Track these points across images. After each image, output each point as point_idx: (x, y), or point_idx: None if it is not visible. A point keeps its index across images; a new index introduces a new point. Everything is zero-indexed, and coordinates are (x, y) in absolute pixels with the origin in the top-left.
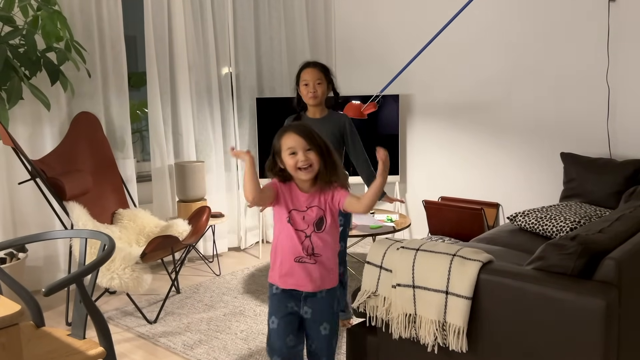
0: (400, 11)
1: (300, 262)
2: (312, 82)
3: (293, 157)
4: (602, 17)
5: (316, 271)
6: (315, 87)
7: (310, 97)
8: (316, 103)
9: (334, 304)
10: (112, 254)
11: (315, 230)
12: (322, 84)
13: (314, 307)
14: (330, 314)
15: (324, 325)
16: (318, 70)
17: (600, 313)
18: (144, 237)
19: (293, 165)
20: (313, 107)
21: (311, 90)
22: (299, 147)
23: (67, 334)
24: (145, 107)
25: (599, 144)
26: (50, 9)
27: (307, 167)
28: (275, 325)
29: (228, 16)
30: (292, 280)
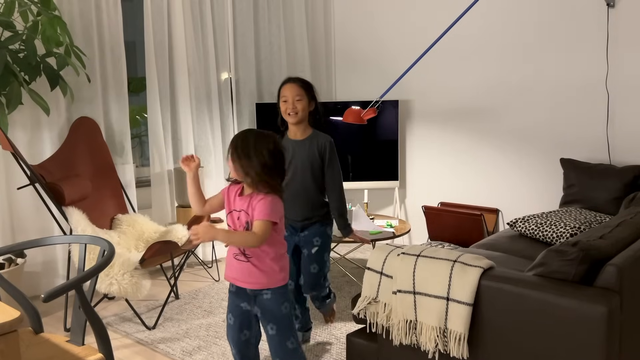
0: (399, 17)
1: (235, 258)
2: (291, 99)
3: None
4: (601, 24)
5: (249, 269)
6: (295, 104)
7: (290, 113)
8: (296, 121)
9: (281, 306)
10: (111, 260)
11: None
12: (302, 101)
13: (262, 307)
14: (276, 316)
15: (271, 325)
16: (298, 85)
17: (601, 319)
18: (143, 242)
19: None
20: (294, 127)
21: (290, 107)
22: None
23: (66, 340)
24: (145, 112)
25: (598, 150)
26: (50, 14)
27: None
28: (231, 322)
29: (228, 21)
30: (231, 275)
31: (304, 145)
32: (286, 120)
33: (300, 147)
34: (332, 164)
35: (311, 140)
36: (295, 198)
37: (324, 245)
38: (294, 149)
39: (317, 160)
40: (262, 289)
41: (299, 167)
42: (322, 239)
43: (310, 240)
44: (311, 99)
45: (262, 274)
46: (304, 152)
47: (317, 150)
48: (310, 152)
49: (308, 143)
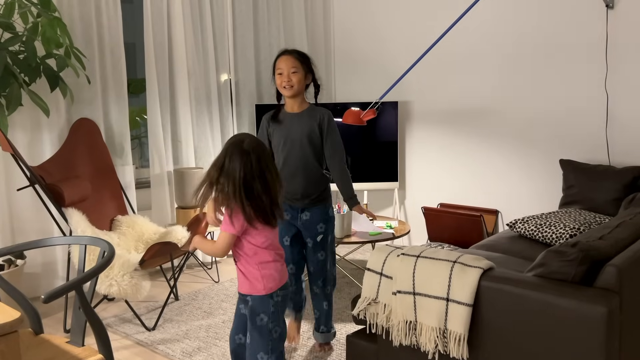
0: (399, 19)
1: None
2: (287, 71)
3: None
4: (600, 25)
5: (238, 273)
6: (290, 76)
7: (285, 87)
8: (292, 94)
9: (256, 316)
10: (111, 261)
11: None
12: (297, 73)
13: (247, 312)
14: (252, 324)
15: (248, 333)
16: (293, 57)
17: (601, 320)
18: (143, 243)
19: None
20: (291, 100)
21: (285, 80)
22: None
23: (66, 341)
24: (145, 113)
25: (597, 151)
26: (50, 15)
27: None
28: (233, 322)
29: (227, 23)
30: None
31: (301, 118)
32: (282, 93)
33: (298, 120)
34: (332, 134)
35: (309, 113)
36: (294, 173)
37: (328, 229)
38: (291, 122)
39: (315, 132)
40: (246, 294)
41: (297, 141)
42: (326, 224)
43: (314, 227)
44: (308, 71)
45: (245, 279)
46: (302, 125)
47: (316, 123)
48: (309, 125)
49: (306, 116)
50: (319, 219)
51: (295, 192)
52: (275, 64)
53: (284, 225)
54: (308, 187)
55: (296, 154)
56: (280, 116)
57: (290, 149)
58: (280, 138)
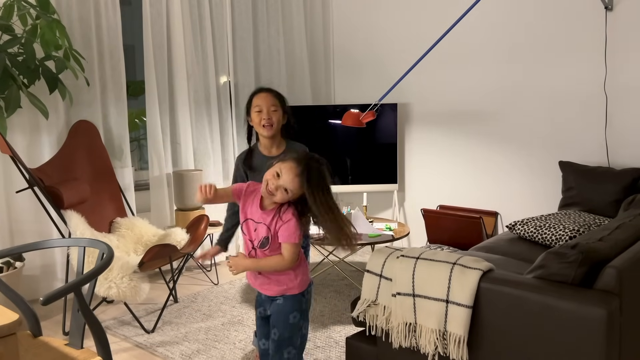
0: (398, 20)
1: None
2: (266, 108)
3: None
4: (599, 26)
5: (260, 279)
6: (270, 114)
7: (265, 125)
8: (271, 134)
9: (290, 314)
10: (110, 263)
11: (259, 247)
12: (277, 111)
13: (272, 310)
14: (282, 322)
15: (274, 330)
16: (272, 95)
17: (601, 322)
18: (142, 246)
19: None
20: (267, 140)
21: (265, 117)
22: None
23: (65, 344)
24: (144, 115)
25: (597, 152)
26: (49, 17)
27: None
28: (256, 326)
29: (227, 25)
30: (252, 281)
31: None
32: (260, 133)
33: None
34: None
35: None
36: None
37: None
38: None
39: None
40: (276, 296)
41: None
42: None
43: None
44: (284, 111)
45: (275, 284)
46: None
47: None
48: None
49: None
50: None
51: None
52: (251, 101)
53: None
54: None
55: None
56: (254, 159)
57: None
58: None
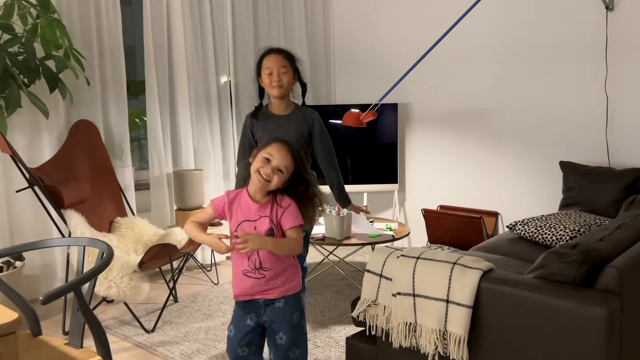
0: (399, 20)
1: (247, 276)
2: (277, 70)
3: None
4: (600, 27)
5: (264, 286)
6: (280, 76)
7: (275, 87)
8: (281, 94)
9: (293, 315)
10: (110, 262)
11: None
12: (287, 73)
13: (272, 316)
14: (287, 324)
15: (280, 335)
16: (282, 56)
17: (602, 322)
18: (142, 245)
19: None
20: (277, 100)
21: (275, 80)
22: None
23: (65, 343)
24: (144, 115)
25: (597, 152)
26: (50, 17)
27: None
28: (232, 334)
29: (227, 25)
30: (243, 291)
31: (289, 120)
32: (270, 94)
33: (286, 122)
34: (324, 138)
35: (297, 114)
36: None
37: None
38: (279, 125)
39: (305, 137)
40: (276, 299)
41: None
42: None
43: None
44: (295, 70)
45: (281, 285)
46: (291, 128)
47: (306, 126)
48: (298, 128)
49: (294, 118)
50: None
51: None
52: (261, 62)
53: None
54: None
55: None
56: (265, 116)
57: None
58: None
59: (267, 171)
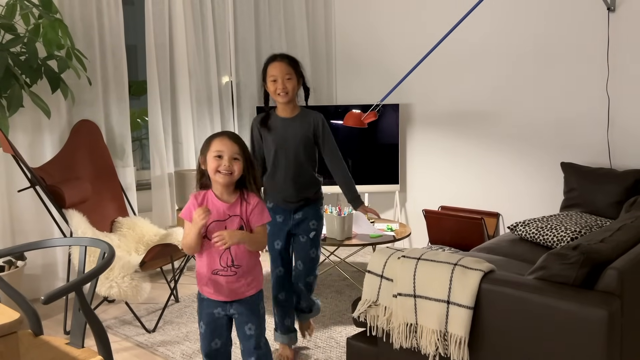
0: (400, 21)
1: (219, 274)
2: (281, 78)
3: (217, 160)
4: (602, 28)
5: (236, 283)
6: (285, 83)
7: (280, 94)
8: (287, 100)
9: (258, 306)
10: (112, 262)
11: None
12: (292, 79)
13: (240, 310)
14: (256, 316)
15: (249, 325)
16: (286, 64)
17: (602, 323)
18: (143, 245)
19: (214, 168)
20: (283, 105)
21: (280, 87)
22: (226, 153)
23: (66, 343)
24: (146, 115)
25: (599, 153)
26: (52, 17)
27: (227, 173)
28: (202, 330)
29: (229, 25)
30: (211, 290)
31: (294, 123)
32: (276, 100)
33: (291, 125)
34: (329, 139)
35: (302, 117)
36: (288, 178)
37: (320, 227)
38: (284, 128)
39: (310, 138)
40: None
41: (291, 147)
42: (318, 222)
43: (307, 224)
44: (299, 76)
45: (250, 281)
46: (296, 130)
47: (310, 128)
48: (303, 131)
49: (299, 121)
50: (312, 217)
51: (291, 196)
52: (266, 70)
53: (275, 228)
54: (303, 190)
55: (291, 159)
56: (271, 121)
57: (285, 154)
58: (273, 143)
59: (225, 164)
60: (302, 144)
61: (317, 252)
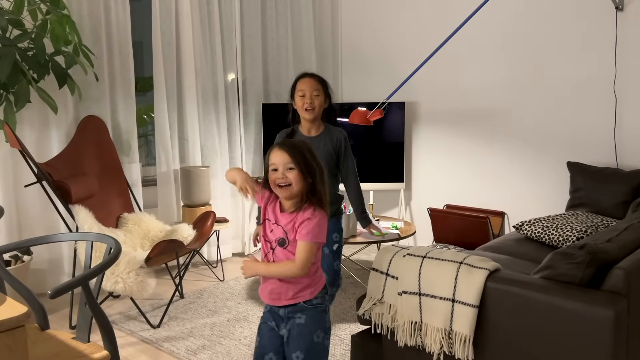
0: (406, 19)
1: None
2: (309, 93)
3: (274, 173)
4: (610, 27)
5: (276, 284)
6: (312, 99)
7: (307, 109)
8: (313, 117)
9: (314, 333)
10: (118, 257)
11: (278, 245)
12: (319, 96)
13: (291, 331)
14: (306, 342)
15: (297, 354)
16: (316, 81)
17: (608, 323)
18: (149, 241)
19: (272, 182)
20: (308, 123)
21: (307, 102)
22: (280, 164)
23: (72, 337)
24: (152, 111)
25: (605, 153)
26: (60, 13)
27: (284, 186)
28: (257, 344)
29: (235, 22)
30: (261, 287)
31: (319, 141)
32: (302, 116)
33: (315, 143)
34: (348, 157)
35: (325, 136)
36: None
37: (341, 239)
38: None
39: (332, 156)
40: (295, 312)
41: None
42: (340, 234)
43: (330, 237)
44: (327, 96)
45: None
46: (320, 148)
47: (333, 146)
48: (326, 149)
49: (323, 139)
50: (334, 229)
51: None
52: (295, 85)
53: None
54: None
55: None
56: (295, 138)
57: None
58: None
59: (279, 176)
60: (326, 162)
61: (339, 264)
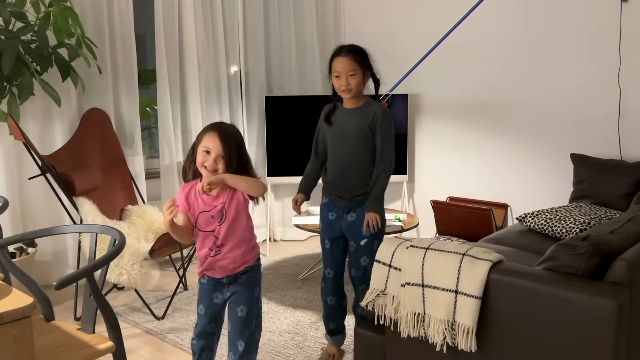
0: (409, 10)
1: (210, 257)
2: (345, 74)
3: (205, 155)
4: (614, 18)
5: (224, 260)
6: (348, 80)
7: (344, 90)
8: (351, 96)
9: (254, 290)
10: (122, 249)
11: (219, 223)
12: (355, 75)
13: (235, 290)
14: (248, 297)
15: (241, 307)
16: (350, 59)
17: (611, 314)
18: (153, 233)
19: (201, 162)
20: (349, 99)
21: (343, 84)
22: (213, 150)
23: (77, 328)
24: (155, 104)
25: (609, 145)
26: (62, 5)
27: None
28: (202, 312)
29: (238, 14)
30: (209, 273)
31: (355, 114)
32: (341, 95)
33: (352, 115)
34: (378, 135)
35: (363, 109)
36: (341, 173)
37: (373, 235)
38: (344, 118)
39: (365, 130)
40: (238, 273)
41: (347, 137)
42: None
43: (359, 229)
44: (367, 68)
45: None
46: (353, 121)
47: (368, 121)
48: (359, 121)
49: (359, 112)
50: (363, 221)
51: (344, 193)
52: (331, 64)
53: (326, 226)
54: (353, 184)
55: (345, 149)
56: (336, 112)
57: (340, 145)
58: (332, 132)
59: (210, 162)
60: (357, 137)
61: (369, 260)
